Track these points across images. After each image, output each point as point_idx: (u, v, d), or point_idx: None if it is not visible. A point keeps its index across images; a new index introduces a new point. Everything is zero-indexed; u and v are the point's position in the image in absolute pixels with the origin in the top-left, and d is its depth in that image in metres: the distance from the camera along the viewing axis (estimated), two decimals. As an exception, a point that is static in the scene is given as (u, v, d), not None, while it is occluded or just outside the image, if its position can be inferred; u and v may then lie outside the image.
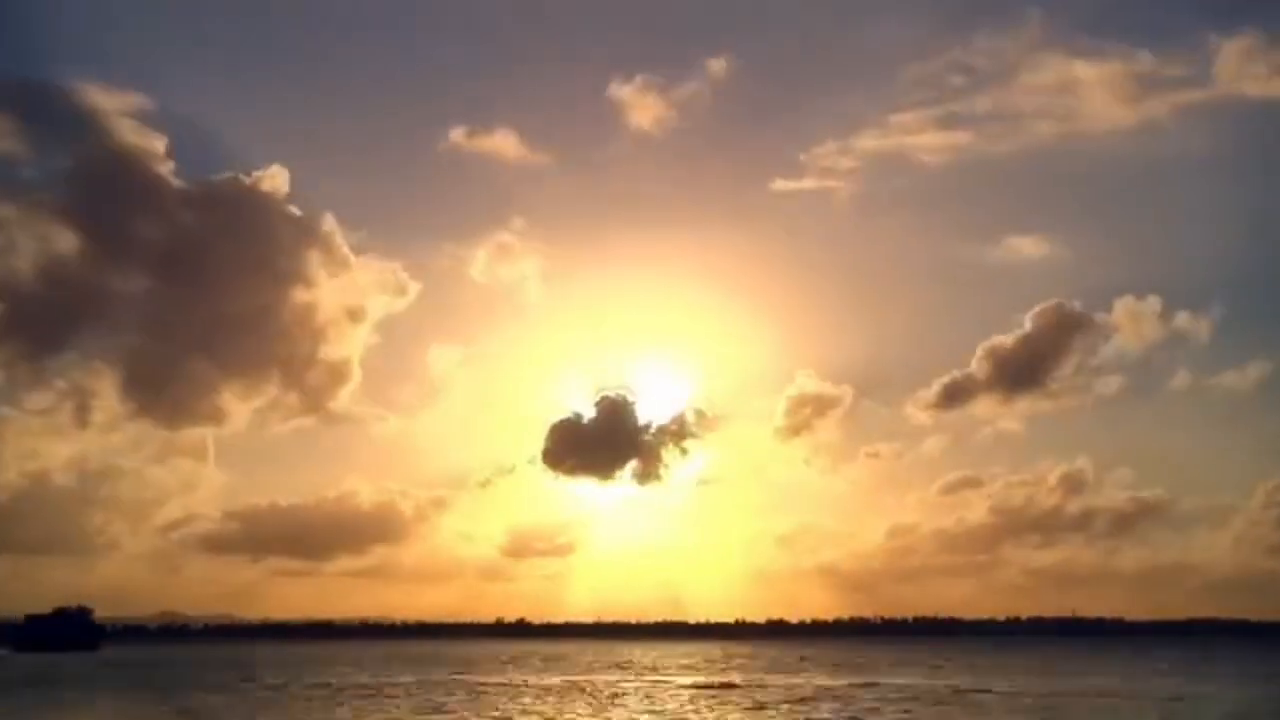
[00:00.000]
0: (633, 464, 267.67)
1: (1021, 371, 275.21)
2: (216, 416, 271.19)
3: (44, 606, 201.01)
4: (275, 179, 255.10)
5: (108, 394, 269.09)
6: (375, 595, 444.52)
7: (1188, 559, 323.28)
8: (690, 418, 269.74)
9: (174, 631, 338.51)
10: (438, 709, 67.18)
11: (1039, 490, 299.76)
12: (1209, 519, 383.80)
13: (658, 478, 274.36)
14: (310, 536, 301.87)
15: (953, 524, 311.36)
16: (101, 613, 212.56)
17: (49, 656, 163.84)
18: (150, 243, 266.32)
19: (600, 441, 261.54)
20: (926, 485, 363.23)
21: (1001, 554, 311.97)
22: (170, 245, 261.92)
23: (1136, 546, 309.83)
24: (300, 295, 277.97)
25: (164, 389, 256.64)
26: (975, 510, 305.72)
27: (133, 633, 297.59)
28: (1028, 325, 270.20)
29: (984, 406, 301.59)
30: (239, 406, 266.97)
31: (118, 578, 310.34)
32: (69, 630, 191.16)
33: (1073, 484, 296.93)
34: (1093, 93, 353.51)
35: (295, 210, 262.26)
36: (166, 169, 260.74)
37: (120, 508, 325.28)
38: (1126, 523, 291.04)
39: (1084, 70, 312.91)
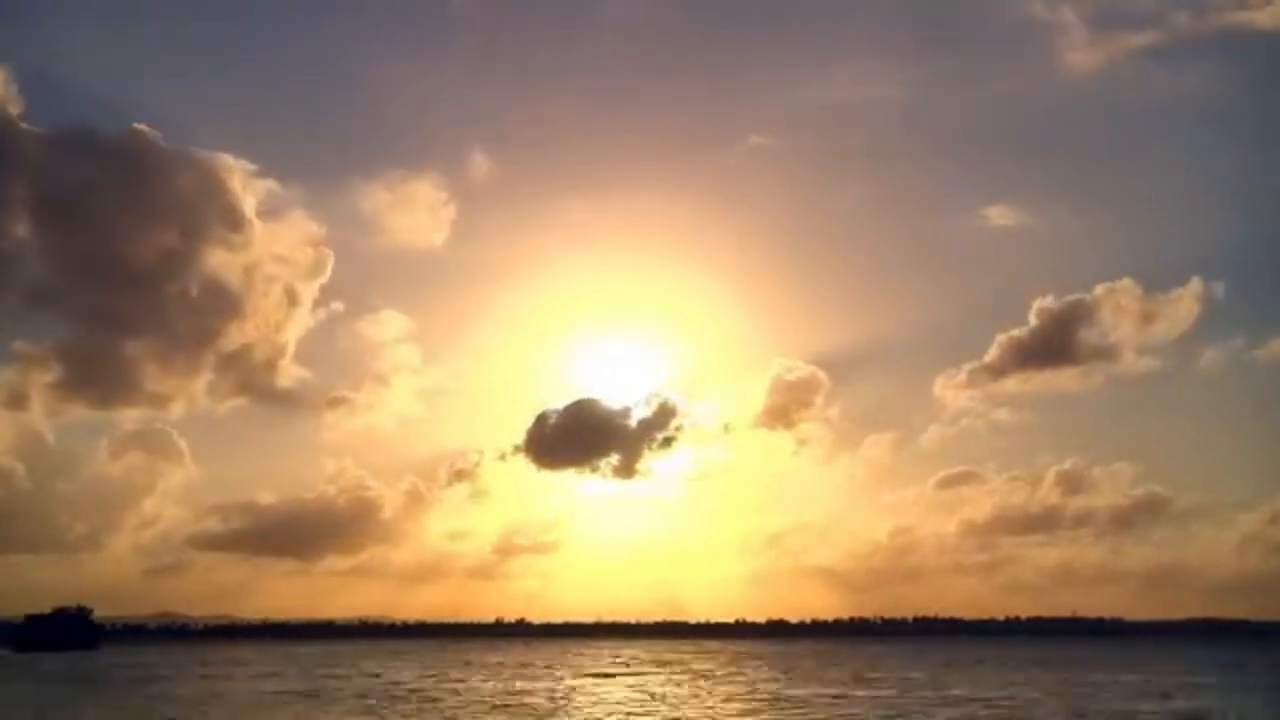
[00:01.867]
0: (614, 457, 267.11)
1: (1025, 362, 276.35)
2: (158, 400, 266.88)
3: (36, 606, 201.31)
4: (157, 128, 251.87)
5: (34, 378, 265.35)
6: (368, 593, 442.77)
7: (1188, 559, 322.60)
8: (667, 407, 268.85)
9: (174, 631, 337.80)
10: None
11: (1038, 487, 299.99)
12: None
13: (640, 472, 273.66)
14: (294, 533, 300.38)
15: (950, 521, 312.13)
16: (98, 612, 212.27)
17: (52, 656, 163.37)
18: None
19: (575, 434, 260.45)
20: (923, 480, 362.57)
21: (1001, 551, 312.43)
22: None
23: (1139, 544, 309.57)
24: (214, 259, 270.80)
25: (94, 370, 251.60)
26: (973, 507, 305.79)
27: (132, 632, 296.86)
28: (1030, 316, 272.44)
29: (979, 399, 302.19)
30: (178, 388, 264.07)
31: (109, 577, 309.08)
32: (69, 630, 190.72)
33: (1073, 481, 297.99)
34: (1053, 36, 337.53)
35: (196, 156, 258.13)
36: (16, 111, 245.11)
37: (87, 502, 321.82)
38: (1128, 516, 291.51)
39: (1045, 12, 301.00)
